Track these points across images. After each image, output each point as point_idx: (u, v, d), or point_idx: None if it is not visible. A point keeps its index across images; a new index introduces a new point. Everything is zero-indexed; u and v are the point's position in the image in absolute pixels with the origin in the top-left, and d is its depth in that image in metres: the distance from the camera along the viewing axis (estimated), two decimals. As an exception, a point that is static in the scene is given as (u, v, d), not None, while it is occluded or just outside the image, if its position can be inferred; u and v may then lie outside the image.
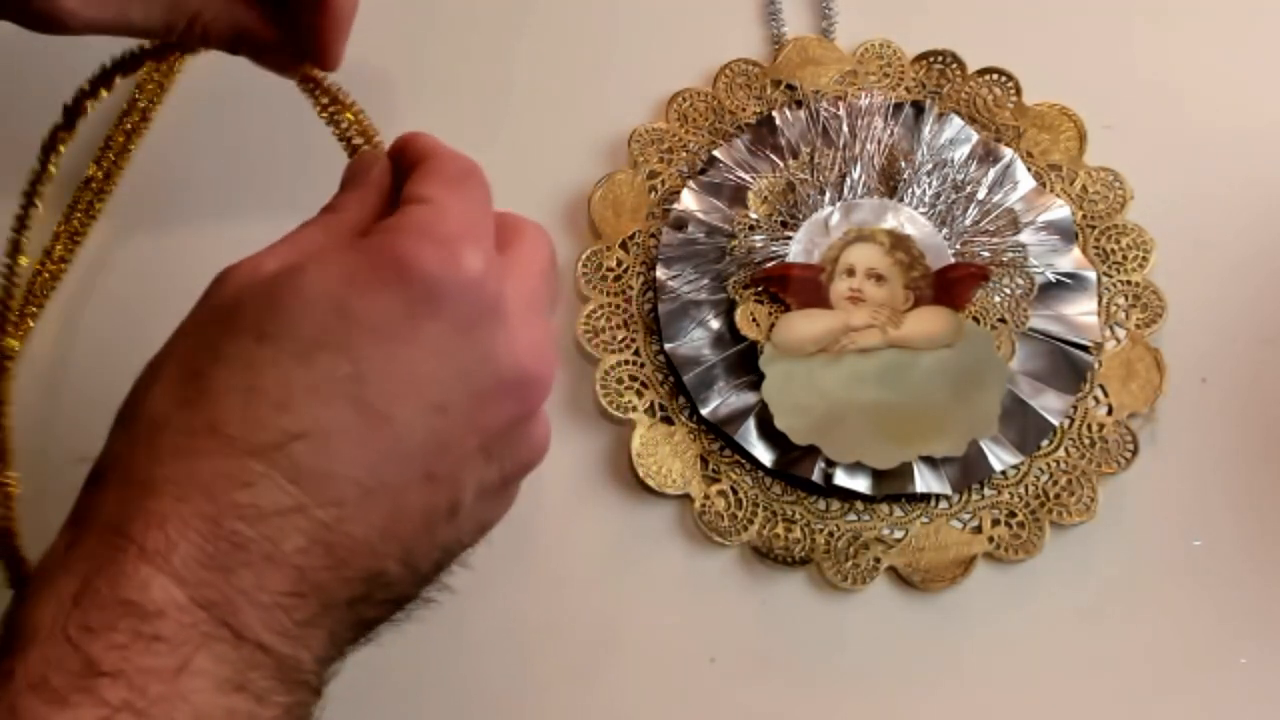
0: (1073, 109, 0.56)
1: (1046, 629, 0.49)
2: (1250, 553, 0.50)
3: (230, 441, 0.31)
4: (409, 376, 0.32)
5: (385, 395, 0.32)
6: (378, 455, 0.32)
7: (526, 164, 0.56)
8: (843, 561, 0.49)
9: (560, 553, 0.50)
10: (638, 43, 0.59)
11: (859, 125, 0.55)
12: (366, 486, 0.32)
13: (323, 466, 0.31)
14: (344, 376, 0.31)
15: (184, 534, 0.30)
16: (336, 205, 0.38)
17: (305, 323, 0.32)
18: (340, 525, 0.31)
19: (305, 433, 0.31)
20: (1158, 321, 0.52)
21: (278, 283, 0.32)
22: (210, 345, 0.32)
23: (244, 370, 0.31)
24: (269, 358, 0.31)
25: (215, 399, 0.31)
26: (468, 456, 0.34)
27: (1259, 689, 0.48)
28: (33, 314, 0.53)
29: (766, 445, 0.50)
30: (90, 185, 0.55)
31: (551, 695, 0.48)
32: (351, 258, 0.33)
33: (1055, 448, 0.51)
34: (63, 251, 0.54)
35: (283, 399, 0.31)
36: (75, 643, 0.29)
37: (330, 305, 0.32)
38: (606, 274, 0.53)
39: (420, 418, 0.32)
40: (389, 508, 0.32)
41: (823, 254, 0.53)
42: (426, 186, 0.35)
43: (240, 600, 0.30)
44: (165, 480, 0.30)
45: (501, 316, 0.34)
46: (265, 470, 0.31)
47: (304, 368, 0.31)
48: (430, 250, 0.32)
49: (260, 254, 0.35)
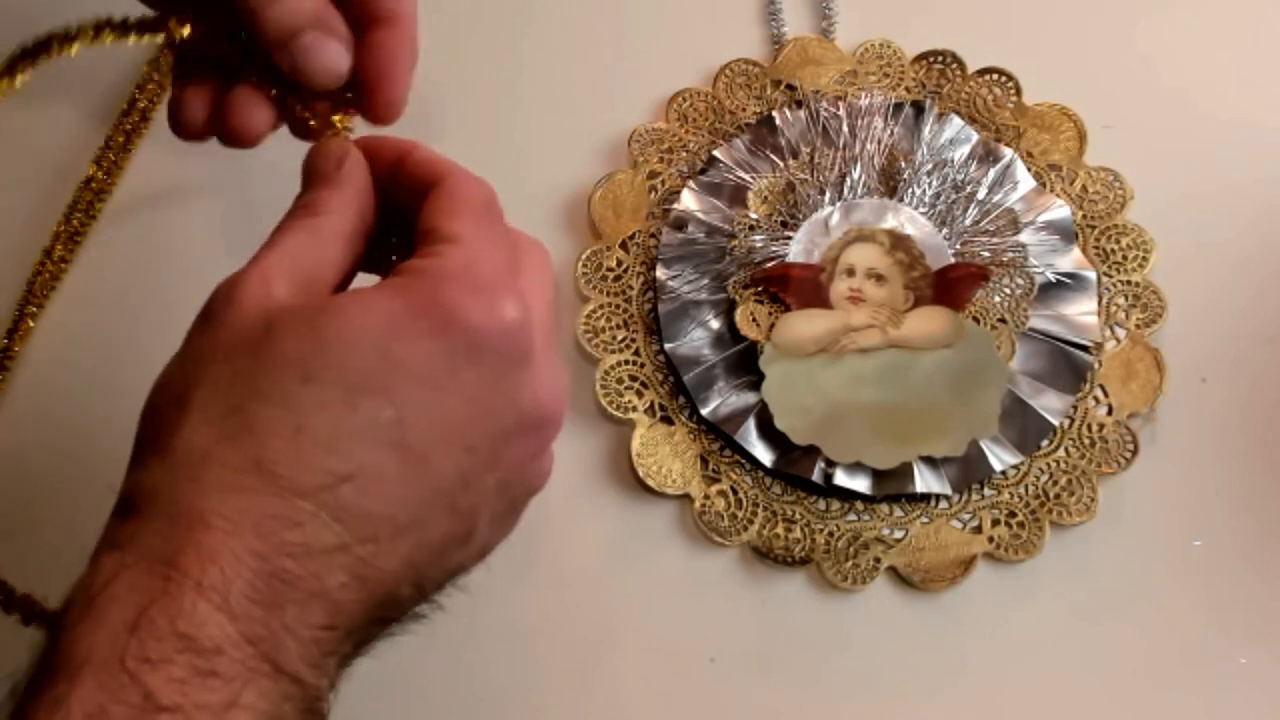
0: (1073, 109, 0.56)
1: (1046, 629, 0.49)
2: (1250, 553, 0.50)
3: (278, 480, 0.31)
4: (445, 421, 0.33)
5: (424, 439, 0.33)
6: (414, 495, 0.33)
7: (526, 164, 0.56)
8: (843, 561, 0.49)
9: (560, 553, 0.50)
10: (638, 43, 0.59)
11: (859, 125, 0.55)
12: (400, 523, 0.33)
13: (365, 507, 0.32)
14: (388, 421, 0.32)
15: (238, 571, 0.30)
16: (316, 206, 0.37)
17: (351, 366, 0.32)
18: (375, 560, 0.32)
19: (351, 475, 0.32)
20: (1158, 321, 0.52)
21: (317, 323, 0.32)
22: (247, 379, 0.32)
23: (290, 410, 0.31)
24: (315, 399, 0.32)
25: (260, 437, 0.31)
26: (486, 490, 0.35)
27: (1259, 689, 0.48)
28: (33, 314, 0.53)
29: (766, 445, 0.50)
30: (90, 185, 0.56)
31: (551, 695, 0.48)
32: (396, 302, 0.33)
33: (1055, 448, 0.51)
34: (63, 251, 0.54)
35: (330, 441, 0.32)
36: (134, 674, 0.29)
37: (376, 350, 0.32)
38: (606, 274, 0.53)
39: (452, 458, 0.33)
40: (415, 540, 0.33)
41: (823, 254, 0.53)
42: (454, 221, 0.35)
43: (284, 636, 0.31)
44: (214, 514, 0.30)
45: (530, 360, 0.34)
46: (314, 510, 0.31)
47: (350, 411, 0.32)
48: (473, 301, 0.33)
49: (261, 269, 0.34)
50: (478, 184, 0.37)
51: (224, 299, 0.34)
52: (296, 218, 0.37)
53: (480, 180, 0.37)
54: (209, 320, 0.34)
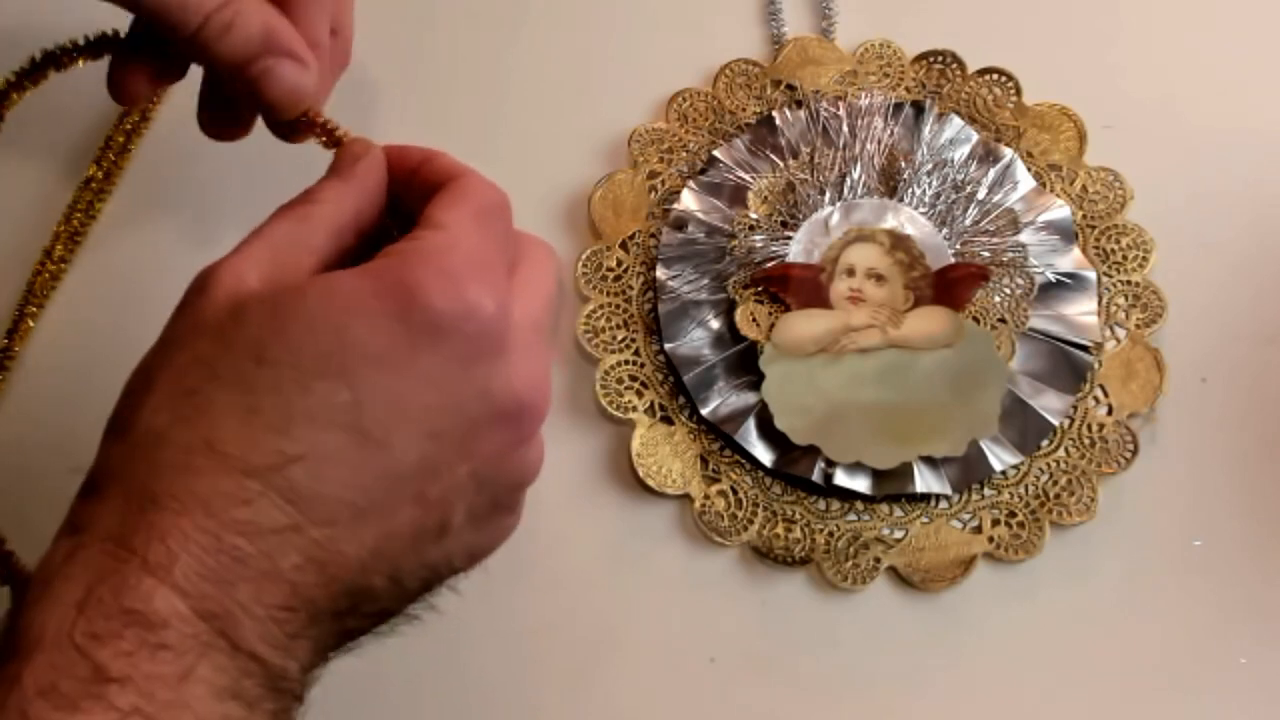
0: (1073, 109, 0.56)
1: (1046, 629, 0.49)
2: (1250, 553, 0.50)
3: (227, 460, 0.31)
4: (406, 405, 0.33)
5: (381, 423, 0.32)
6: (371, 479, 0.32)
7: (526, 164, 0.56)
8: (843, 561, 0.49)
9: (560, 553, 0.50)
10: (638, 43, 0.59)
11: (859, 125, 0.55)
12: (359, 507, 0.32)
13: (318, 489, 0.32)
14: (342, 404, 0.32)
15: (185, 547, 0.30)
16: (314, 194, 0.37)
17: (306, 349, 0.32)
18: (332, 544, 0.32)
19: (302, 456, 0.32)
20: (1158, 321, 0.52)
21: (278, 305, 0.33)
22: (205, 362, 0.32)
23: (242, 391, 0.32)
24: (268, 381, 0.32)
25: (213, 417, 0.32)
26: (458, 481, 0.34)
27: (1259, 689, 0.48)
28: (33, 314, 0.53)
29: (766, 445, 0.50)
30: (90, 185, 0.55)
31: (551, 695, 0.48)
32: (360, 282, 0.33)
33: (1055, 448, 0.51)
34: (63, 251, 0.54)
35: (281, 423, 0.32)
36: (83, 649, 0.29)
37: (332, 332, 0.32)
38: (606, 274, 0.53)
39: (414, 444, 0.33)
40: (379, 528, 0.33)
41: (823, 254, 0.53)
42: (448, 212, 0.35)
43: (238, 613, 0.31)
44: (166, 495, 0.31)
45: (503, 350, 0.34)
46: (262, 489, 0.31)
47: (303, 393, 0.32)
48: (437, 283, 0.33)
49: (238, 258, 0.35)
50: (487, 186, 0.37)
51: (198, 287, 0.35)
52: (292, 204, 0.37)
53: (492, 185, 0.37)
54: (183, 307, 0.35)
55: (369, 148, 0.39)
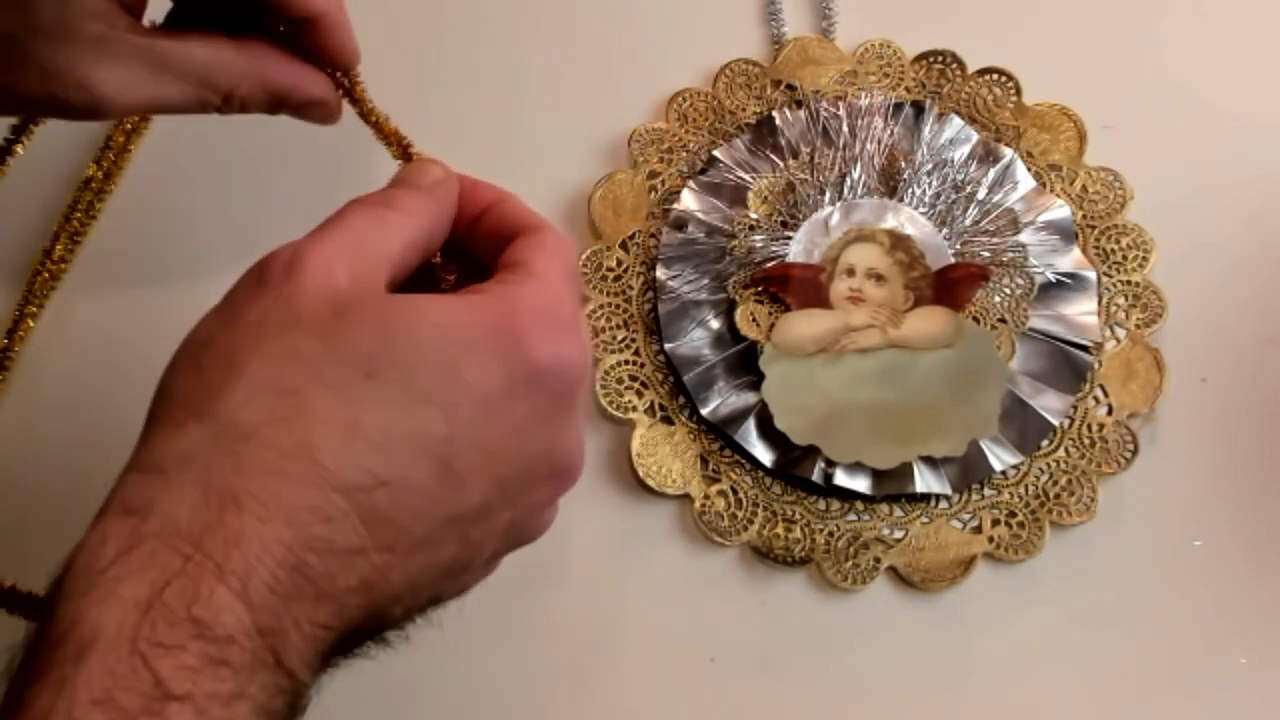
0: (1073, 109, 0.56)
1: (1046, 629, 0.49)
2: (1250, 553, 0.50)
3: (322, 471, 0.30)
4: (489, 448, 0.33)
5: (466, 461, 0.32)
6: (440, 514, 0.32)
7: (527, 164, 0.56)
8: (843, 561, 0.49)
9: (560, 553, 0.50)
10: (638, 43, 0.59)
11: (859, 125, 0.55)
12: (418, 539, 0.32)
13: (393, 515, 0.31)
14: (439, 435, 0.32)
15: (261, 559, 0.29)
16: (392, 201, 0.36)
17: (418, 373, 0.32)
18: (385, 570, 0.32)
19: (391, 481, 0.31)
20: (1158, 321, 0.52)
21: (391, 320, 0.32)
22: (308, 361, 0.31)
23: (348, 403, 0.31)
24: (375, 397, 0.31)
25: (313, 423, 0.30)
26: (498, 527, 0.34)
27: (1259, 689, 0.48)
28: (33, 314, 0.53)
29: (766, 445, 0.50)
30: (90, 185, 0.55)
31: (551, 695, 0.48)
32: (474, 317, 0.33)
33: (1055, 448, 0.51)
34: (63, 251, 0.54)
35: (381, 443, 0.31)
36: (146, 659, 0.27)
37: (445, 361, 0.32)
38: (606, 274, 0.53)
39: (482, 487, 0.33)
40: (425, 560, 0.33)
41: (823, 254, 0.53)
42: (546, 261, 0.35)
43: (292, 630, 0.30)
44: (250, 496, 0.29)
45: (574, 409, 0.35)
46: (347, 509, 0.30)
47: (407, 417, 0.31)
48: (546, 336, 0.33)
49: (323, 245, 0.33)
50: (568, 245, 0.37)
51: (284, 268, 0.33)
52: (371, 204, 0.36)
53: (571, 244, 0.37)
54: (265, 285, 0.33)
55: (447, 173, 0.38)
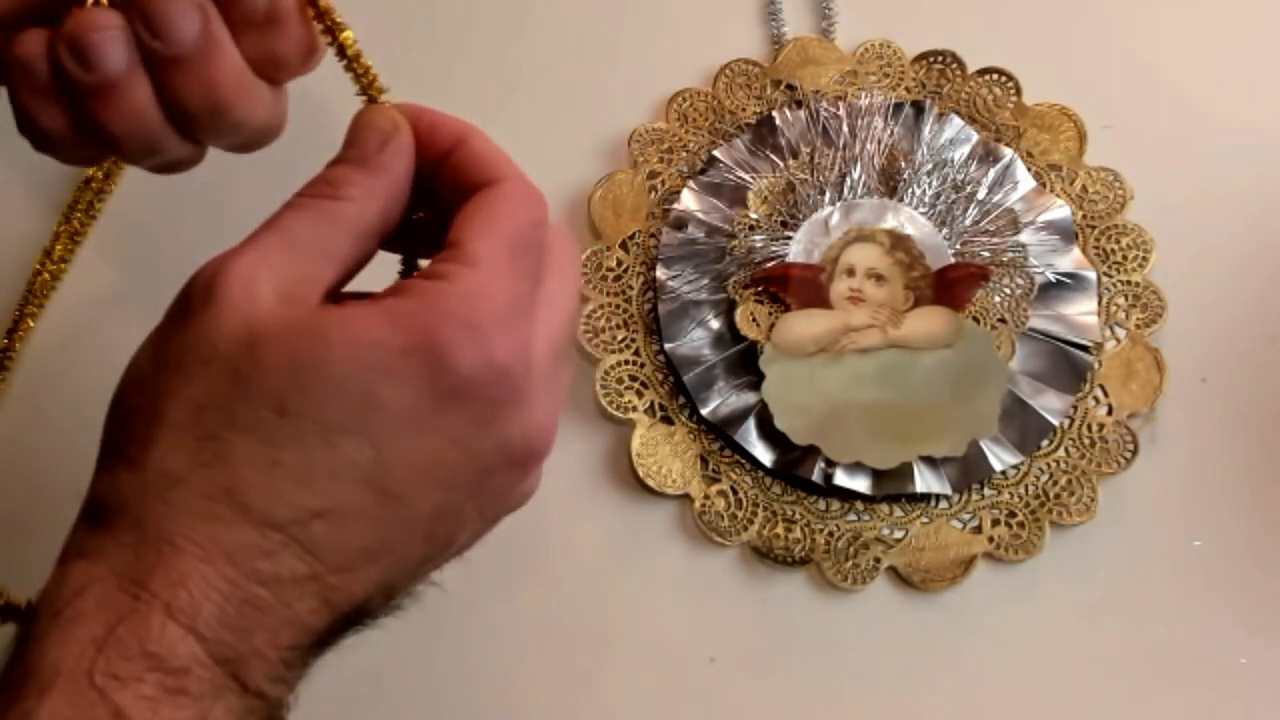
0: (1073, 109, 0.56)
1: (1046, 629, 0.49)
2: (1250, 552, 0.50)
3: (249, 511, 0.31)
4: (425, 462, 0.32)
5: (402, 479, 0.32)
6: (387, 528, 0.32)
7: (526, 164, 0.55)
8: (843, 561, 0.49)
9: (560, 553, 0.50)
10: (638, 43, 0.59)
11: (859, 125, 0.55)
12: (372, 552, 0.32)
13: (338, 541, 0.31)
14: (365, 461, 0.31)
15: (208, 595, 0.30)
16: (339, 186, 0.34)
17: (330, 404, 0.31)
18: (346, 586, 0.32)
19: (325, 512, 0.31)
20: (1158, 321, 0.52)
21: (299, 354, 0.31)
22: (222, 406, 0.31)
23: (265, 444, 0.31)
24: (290, 434, 0.31)
25: (234, 468, 0.31)
26: (465, 518, 0.34)
27: (1259, 689, 0.48)
28: (33, 314, 0.53)
29: (766, 445, 0.50)
30: (90, 185, 0.55)
31: (551, 695, 0.48)
32: (386, 335, 0.31)
33: (1055, 448, 0.51)
34: (63, 251, 0.54)
35: (304, 477, 0.31)
36: (103, 691, 0.28)
37: (357, 390, 0.31)
38: (606, 274, 0.53)
39: (429, 495, 0.33)
40: (388, 566, 0.33)
41: (823, 254, 0.53)
42: (482, 241, 0.33)
43: (252, 657, 0.30)
44: (185, 539, 0.30)
45: (521, 402, 0.33)
46: (285, 541, 0.31)
47: (327, 449, 0.31)
48: (466, 344, 0.31)
49: (250, 260, 0.33)
50: (526, 201, 0.35)
51: (203, 293, 0.32)
52: (313, 194, 0.34)
53: (532, 197, 0.35)
54: (185, 315, 0.32)
55: (397, 126, 0.35)
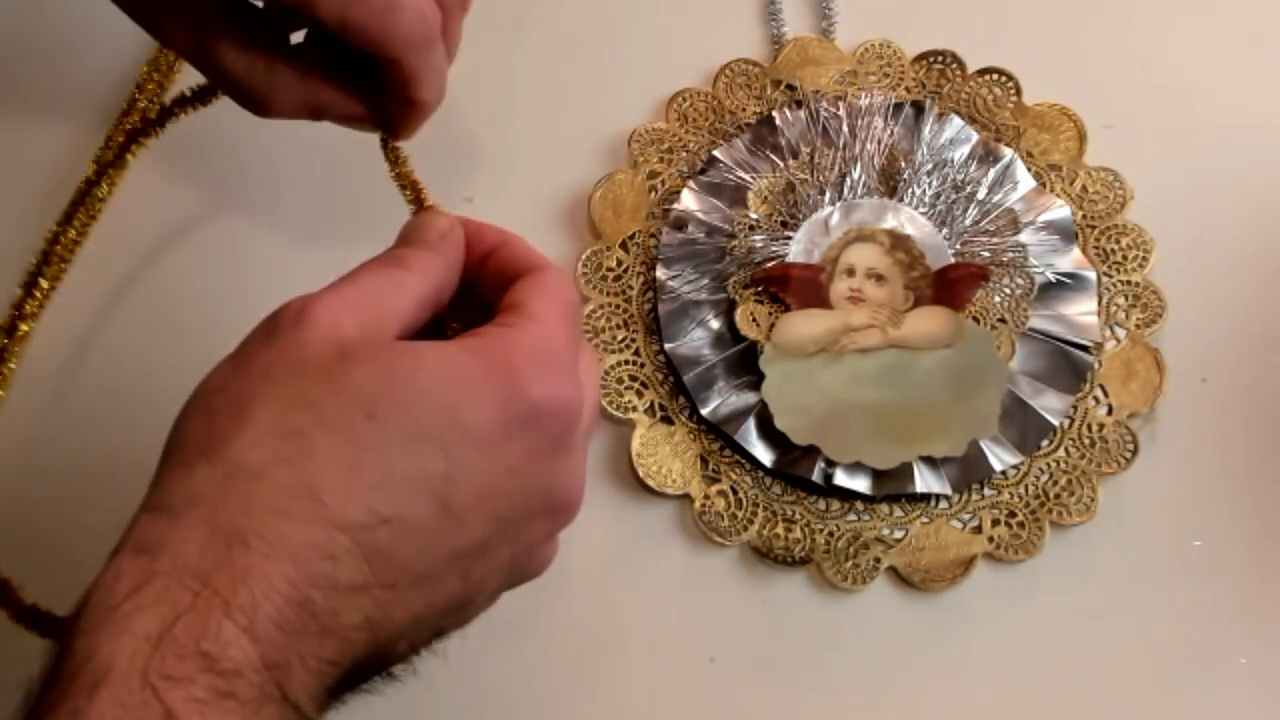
0: (1073, 109, 0.56)
1: (1046, 629, 0.49)
2: (1250, 552, 0.50)
3: (324, 509, 0.31)
4: (486, 486, 0.34)
5: (464, 499, 0.33)
6: (440, 550, 0.33)
7: (527, 164, 0.56)
8: (843, 561, 0.49)
9: (560, 553, 0.49)
10: (638, 43, 0.59)
11: (859, 125, 0.55)
12: (419, 575, 0.33)
13: (395, 553, 0.32)
14: (438, 474, 0.33)
15: (267, 594, 0.30)
16: (403, 260, 0.37)
17: (417, 414, 0.33)
18: (388, 607, 0.32)
19: (392, 520, 0.32)
20: (1158, 321, 0.52)
21: (393, 364, 0.33)
22: (312, 404, 0.32)
23: (350, 443, 0.32)
24: (376, 438, 0.32)
25: (317, 464, 0.32)
26: (499, 563, 0.35)
27: (1259, 689, 0.48)
28: (33, 314, 0.53)
29: (766, 445, 0.50)
30: (90, 185, 0.55)
31: (552, 695, 0.48)
32: (471, 362, 0.34)
33: (1055, 448, 0.51)
34: (63, 251, 0.54)
35: (382, 482, 0.32)
36: (157, 691, 0.28)
37: (443, 404, 0.33)
38: (606, 274, 0.53)
39: (481, 523, 0.34)
40: (427, 597, 0.34)
41: (823, 254, 0.53)
42: (541, 303, 0.36)
43: (297, 665, 0.30)
44: (255, 535, 0.30)
45: (572, 448, 0.35)
46: (350, 546, 0.31)
47: (407, 457, 0.32)
48: (541, 376, 0.34)
49: (333, 300, 0.34)
50: (568, 283, 0.38)
51: (294, 318, 0.34)
52: (383, 264, 0.37)
53: (571, 283, 0.39)
54: (275, 335, 0.34)
55: (452, 223, 0.39)
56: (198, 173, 0.57)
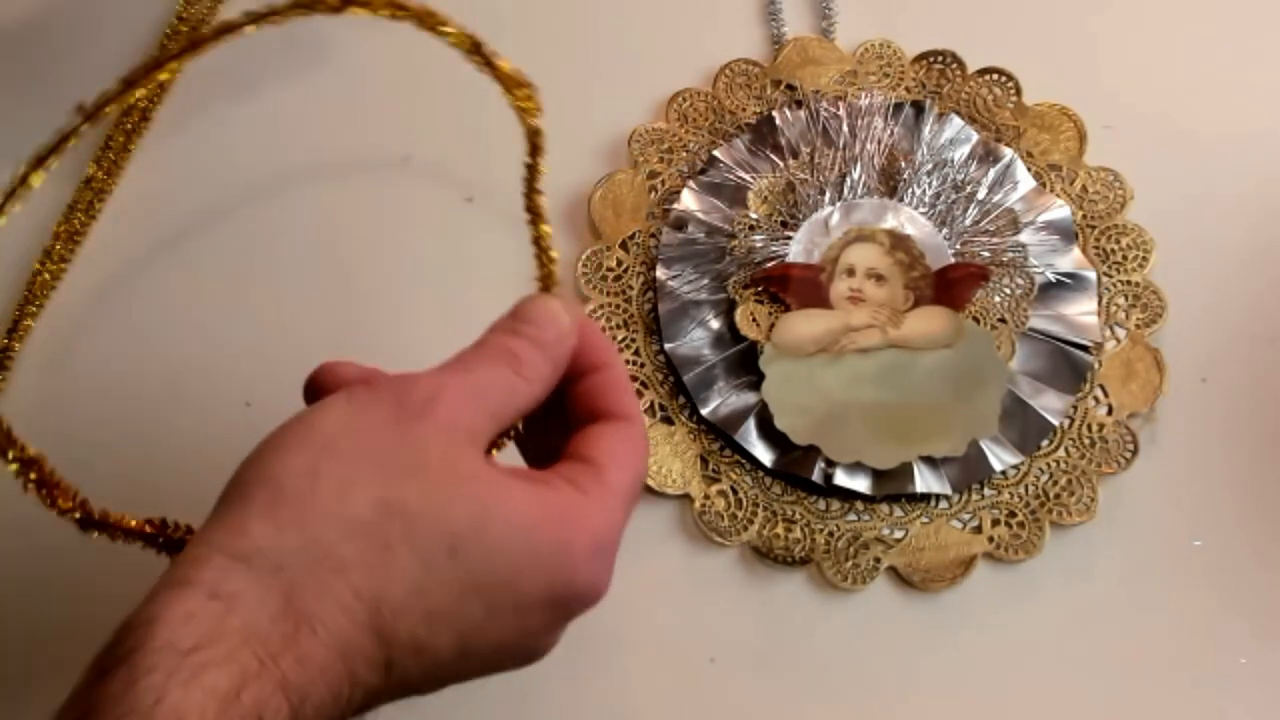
0: (1073, 109, 0.56)
1: (1046, 629, 0.49)
2: (1250, 552, 0.50)
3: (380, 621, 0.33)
4: (501, 642, 0.35)
5: (480, 648, 0.35)
6: (439, 676, 0.35)
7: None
8: (843, 561, 0.49)
9: (560, 553, 0.50)
10: (638, 43, 0.59)
11: (859, 125, 0.55)
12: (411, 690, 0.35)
13: (408, 672, 0.34)
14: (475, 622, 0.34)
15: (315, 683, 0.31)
16: (519, 365, 0.37)
17: (487, 566, 0.34)
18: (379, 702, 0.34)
19: (425, 648, 0.34)
20: (1158, 321, 0.52)
21: (489, 508, 0.34)
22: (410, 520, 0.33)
23: (424, 570, 0.33)
24: (446, 575, 0.33)
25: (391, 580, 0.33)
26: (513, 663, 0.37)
27: (1259, 689, 0.48)
28: (33, 314, 0.53)
29: (766, 445, 0.50)
30: (90, 185, 0.56)
31: (552, 695, 0.48)
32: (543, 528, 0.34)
33: (1055, 448, 0.51)
34: (63, 251, 0.54)
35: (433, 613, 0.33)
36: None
37: (508, 566, 0.34)
38: (606, 274, 0.53)
39: (480, 669, 0.36)
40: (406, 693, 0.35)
41: (823, 254, 0.53)
42: (622, 473, 0.37)
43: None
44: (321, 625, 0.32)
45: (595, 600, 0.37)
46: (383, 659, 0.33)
47: (461, 600, 0.34)
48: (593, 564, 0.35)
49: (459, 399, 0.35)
50: (646, 445, 0.39)
51: (423, 404, 0.35)
52: (502, 363, 0.37)
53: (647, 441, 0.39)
54: (402, 417, 0.34)
55: (572, 326, 0.39)
56: (199, 172, 0.57)
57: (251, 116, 0.57)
